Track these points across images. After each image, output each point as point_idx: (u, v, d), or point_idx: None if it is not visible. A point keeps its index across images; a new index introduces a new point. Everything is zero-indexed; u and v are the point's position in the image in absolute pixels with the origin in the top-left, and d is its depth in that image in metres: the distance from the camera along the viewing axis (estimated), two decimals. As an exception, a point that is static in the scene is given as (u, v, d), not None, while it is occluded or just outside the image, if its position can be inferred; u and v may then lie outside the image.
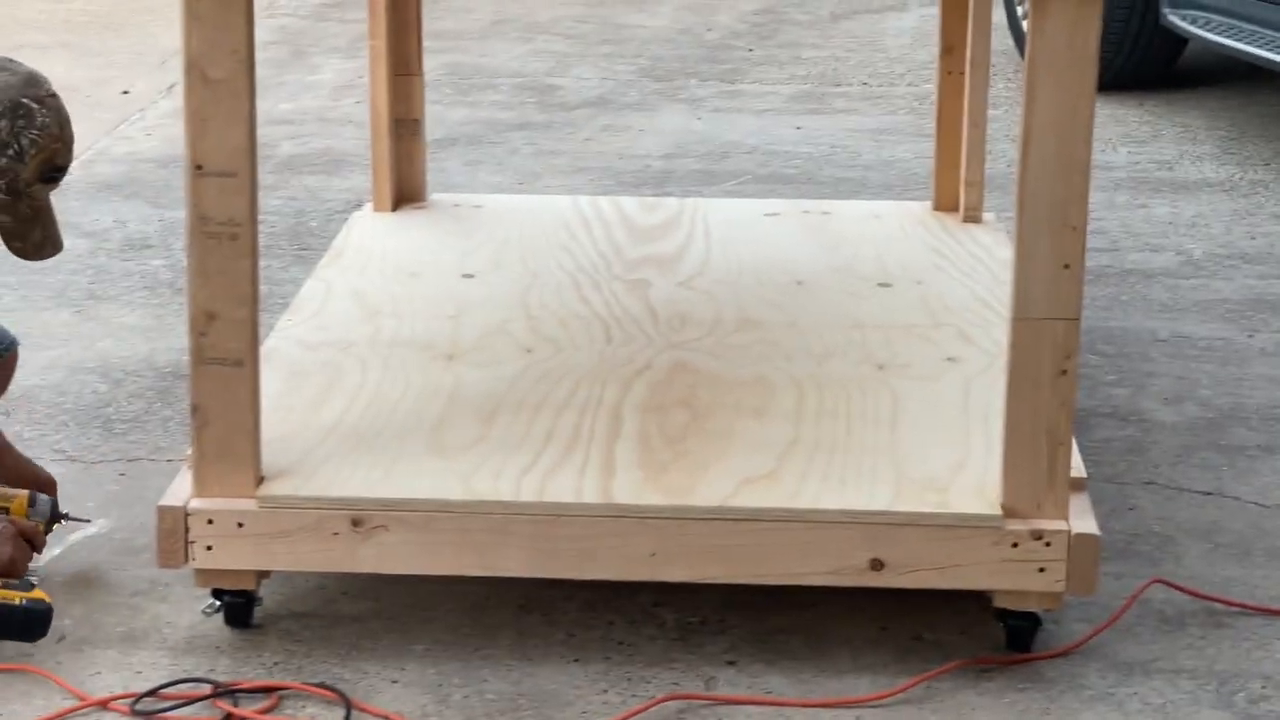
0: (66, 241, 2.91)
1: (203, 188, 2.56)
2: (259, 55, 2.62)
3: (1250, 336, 3.83)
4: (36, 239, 2.73)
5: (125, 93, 5.69)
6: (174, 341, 3.80)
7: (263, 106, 5.44)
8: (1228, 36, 4.95)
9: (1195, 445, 3.34)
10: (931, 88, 5.56)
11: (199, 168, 2.56)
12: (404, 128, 3.89)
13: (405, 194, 3.92)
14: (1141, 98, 5.52)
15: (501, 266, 3.56)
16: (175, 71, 5.91)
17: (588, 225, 3.79)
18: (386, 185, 3.86)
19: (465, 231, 3.76)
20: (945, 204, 3.87)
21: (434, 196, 3.99)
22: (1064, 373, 2.55)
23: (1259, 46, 4.82)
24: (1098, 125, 5.31)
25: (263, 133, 2.60)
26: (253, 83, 2.56)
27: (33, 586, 2.66)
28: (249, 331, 2.61)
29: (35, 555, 2.75)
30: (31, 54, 6.13)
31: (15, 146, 2.62)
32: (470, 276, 3.50)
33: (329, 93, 5.69)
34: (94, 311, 4.01)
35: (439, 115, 5.36)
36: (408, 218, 3.85)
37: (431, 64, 5.77)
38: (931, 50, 5.98)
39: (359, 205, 4.32)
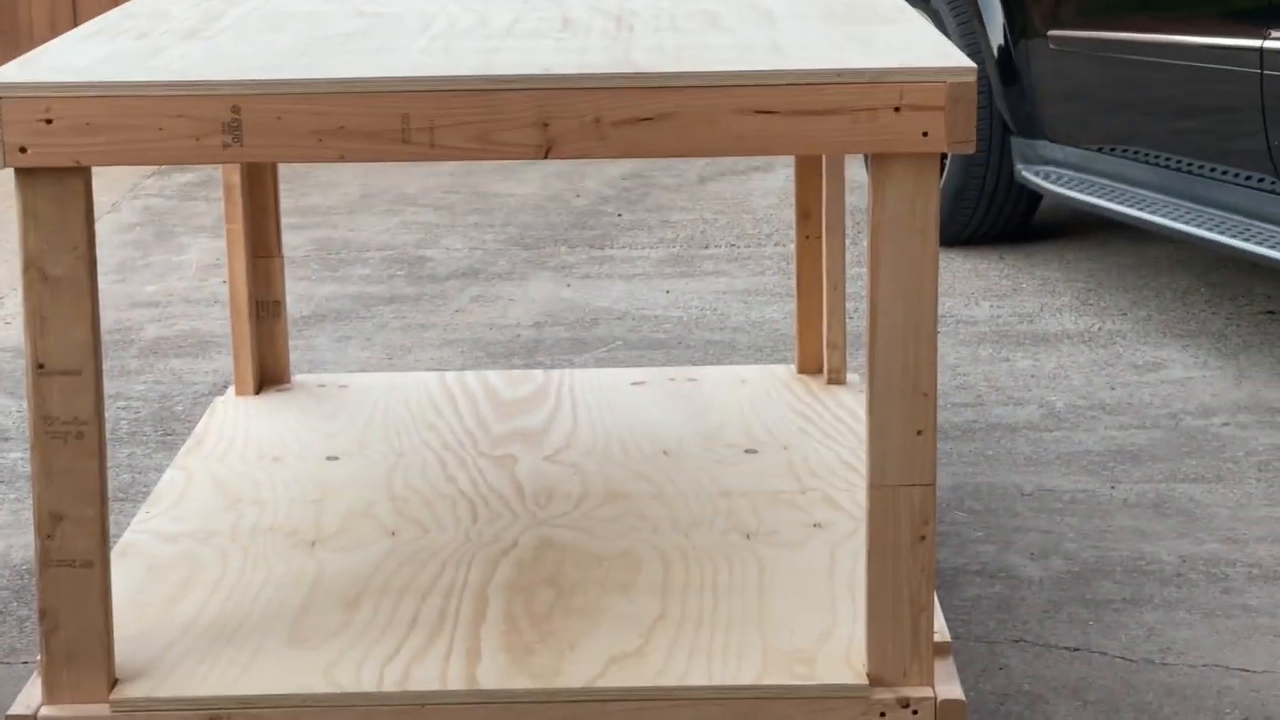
0: None
1: (46, 387, 2.52)
2: (124, 237, 2.61)
3: (1113, 488, 3.87)
4: None
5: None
6: (32, 538, 3.72)
7: (127, 290, 5.43)
8: (1079, 191, 5.05)
9: (1061, 600, 3.36)
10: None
11: (41, 367, 2.52)
12: (265, 309, 3.87)
13: (268, 376, 3.89)
14: (1002, 252, 5.62)
15: (366, 447, 3.53)
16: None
17: (454, 401, 3.77)
18: (249, 368, 3.83)
19: (329, 413, 3.73)
20: (809, 366, 3.90)
21: (298, 377, 3.96)
22: (923, 538, 2.55)
23: (1108, 200, 4.92)
24: (961, 280, 5.41)
25: (127, 316, 2.58)
26: (94, 279, 2.53)
27: None
28: (98, 531, 2.56)
29: None
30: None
31: None
32: (334, 459, 3.47)
33: (195, 272, 5.66)
34: (-48, 507, 3.93)
35: (306, 291, 5.35)
36: (271, 400, 3.82)
37: (298, 240, 5.79)
38: (796, 211, 6.09)
39: (226, 387, 4.29)
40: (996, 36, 5.35)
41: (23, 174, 2.45)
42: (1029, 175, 5.28)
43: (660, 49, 2.66)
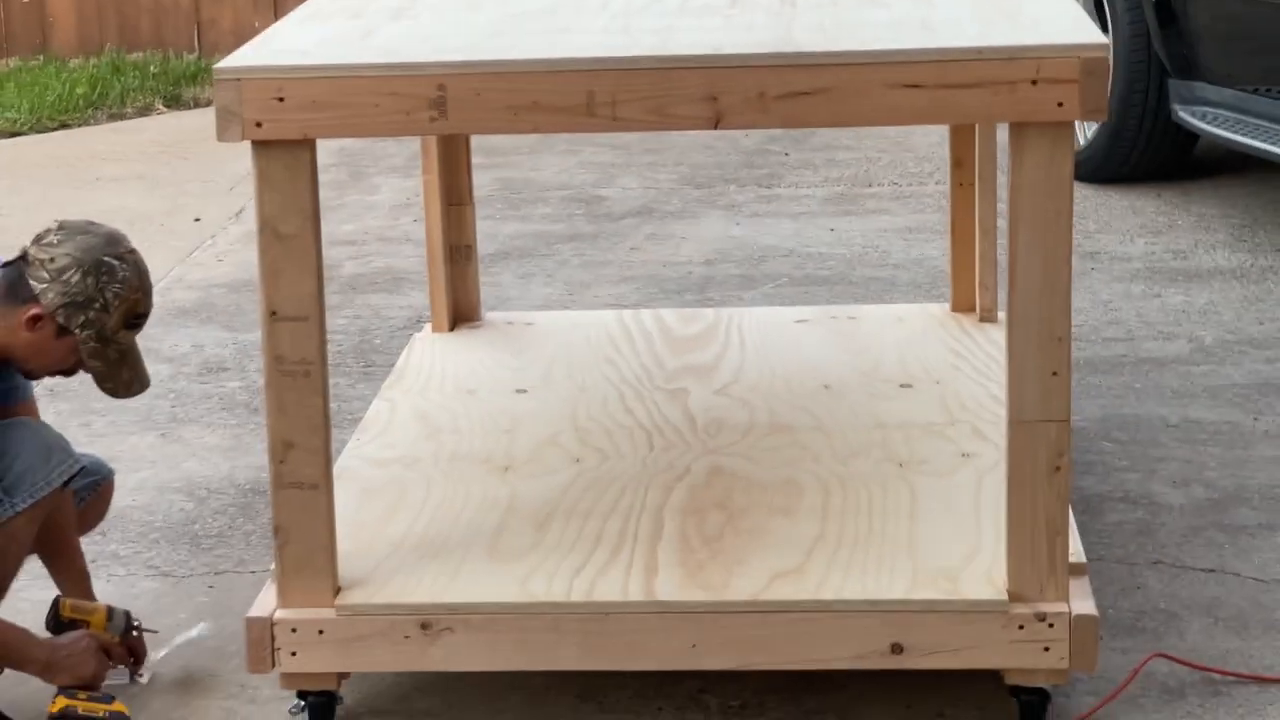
0: (149, 367, 3.22)
1: (278, 331, 2.87)
2: (322, 177, 2.92)
3: (1256, 420, 4.08)
4: (125, 379, 3.04)
5: (197, 220, 6.04)
6: (253, 459, 4.12)
7: (325, 229, 5.79)
8: (1233, 131, 5.21)
9: (1200, 525, 3.59)
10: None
11: (274, 313, 2.87)
12: (458, 253, 4.20)
13: (461, 314, 4.22)
14: (1159, 189, 5.78)
15: (551, 381, 3.85)
16: (243, 196, 6.29)
17: (631, 338, 4.08)
18: (444, 307, 4.17)
19: (517, 349, 4.06)
20: (962, 305, 4.15)
21: (488, 315, 4.30)
22: (1058, 469, 2.81)
23: (1262, 140, 5.08)
24: (1117, 217, 5.60)
25: (326, 254, 2.87)
26: (319, 237, 2.87)
27: (112, 699, 2.97)
28: (323, 458, 2.91)
29: (112, 666, 3.05)
30: (108, 185, 6.52)
31: (101, 300, 2.94)
32: (523, 392, 3.80)
33: (387, 212, 6.02)
34: (177, 434, 4.33)
35: (491, 230, 5.68)
36: (464, 337, 4.16)
37: (483, 179, 6.10)
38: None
39: (420, 321, 4.63)
40: (1154, -20, 5.52)
41: (259, 145, 2.79)
42: (1185, 115, 5.44)
43: (820, 26, 2.93)
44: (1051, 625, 2.84)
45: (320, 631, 2.92)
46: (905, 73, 2.68)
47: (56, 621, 3.10)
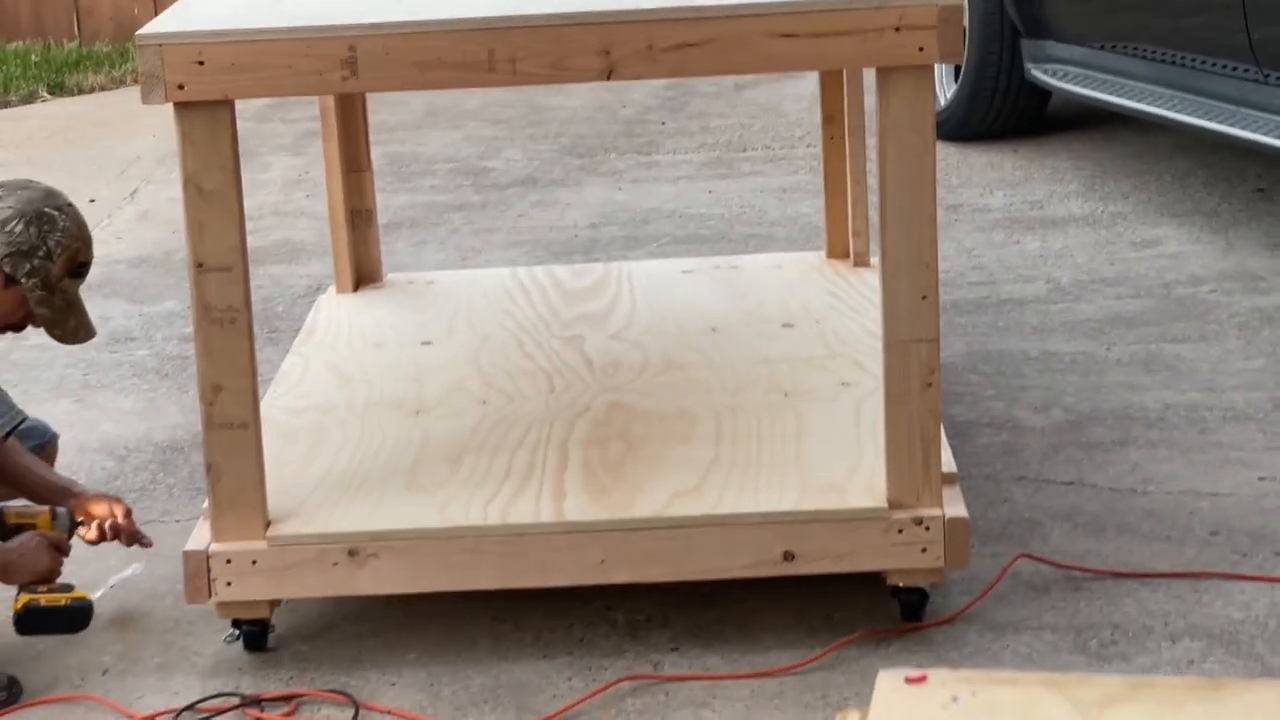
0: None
1: (204, 281, 3.07)
2: None
3: (1108, 349, 4.39)
4: (72, 326, 3.22)
5: (91, 201, 6.17)
6: (168, 420, 4.30)
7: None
8: (1083, 86, 5.53)
9: (1059, 444, 3.88)
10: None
11: (200, 265, 3.07)
12: (358, 217, 4.41)
13: (363, 276, 4.43)
14: (1016, 145, 6.10)
15: (454, 333, 4.08)
16: (135, 179, 6.44)
17: (526, 292, 4.31)
18: (347, 269, 4.38)
19: (420, 305, 4.28)
20: (837, 252, 4.42)
21: (389, 276, 4.51)
22: (929, 385, 3.08)
23: (1110, 94, 5.40)
24: (977, 173, 5.90)
25: None
26: (239, 191, 3.07)
27: (71, 588, 3.16)
28: (250, 399, 3.11)
29: (63, 559, 3.23)
30: (1, 176, 6.62)
31: (44, 248, 3.12)
32: (428, 343, 4.02)
33: (280, 188, 6.20)
34: (91, 399, 4.50)
35: (384, 202, 5.86)
36: (368, 296, 4.37)
37: (373, 154, 6.30)
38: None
39: (319, 289, 4.83)
40: (1005, -55, 5.82)
41: (181, 107, 2.99)
42: (1038, 73, 5.75)
43: (699, -16, 3.17)
44: (927, 528, 3.11)
45: (254, 562, 3.13)
46: (782, 23, 2.93)
47: (3, 529, 3.28)
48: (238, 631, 3.23)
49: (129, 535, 3.32)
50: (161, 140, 6.77)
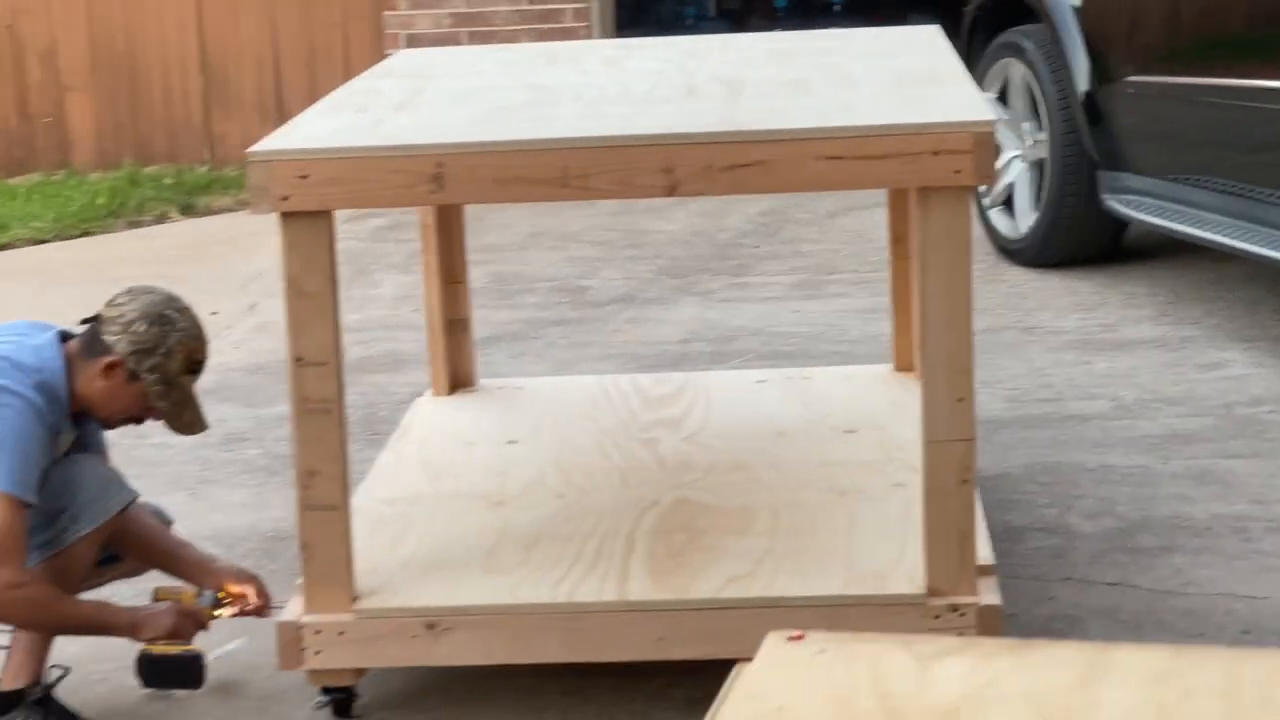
0: (175, 438, 3.71)
1: (302, 374, 3.38)
2: None
3: (1164, 463, 4.59)
4: (187, 419, 3.53)
5: (214, 313, 6.53)
6: (273, 513, 4.61)
7: (333, 318, 6.30)
8: (1157, 216, 5.76)
9: (1108, 549, 4.09)
10: (909, 271, 6.41)
11: (299, 360, 3.38)
12: (455, 326, 4.72)
13: (459, 381, 4.74)
14: (1092, 272, 6.32)
15: (539, 433, 4.36)
16: (254, 294, 6.82)
17: (609, 398, 4.59)
18: (443, 373, 4.69)
19: (509, 408, 4.57)
20: (903, 365, 4.66)
21: (482, 382, 4.81)
22: (965, 481, 3.31)
23: (1183, 224, 5.62)
24: (1053, 297, 6.14)
25: None
26: (336, 294, 3.39)
27: (187, 644, 3.45)
28: (341, 484, 3.41)
29: (199, 630, 3.52)
30: (129, 283, 7.03)
31: (164, 347, 3.44)
32: (514, 442, 4.31)
33: (389, 303, 6.55)
34: (204, 493, 4.82)
35: (485, 317, 6.19)
36: (462, 400, 4.67)
37: (477, 273, 6.62)
38: (913, 239, 6.84)
39: (421, 395, 5.14)
40: (1082, 83, 6.07)
41: (285, 216, 3.32)
42: (1114, 203, 5.99)
43: (757, 111, 3.47)
44: (962, 614, 3.33)
45: (341, 633, 3.41)
46: (829, 146, 3.21)
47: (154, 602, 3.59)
48: (326, 699, 3.50)
49: (260, 611, 3.60)
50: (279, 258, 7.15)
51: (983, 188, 6.30)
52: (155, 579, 3.72)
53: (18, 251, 7.62)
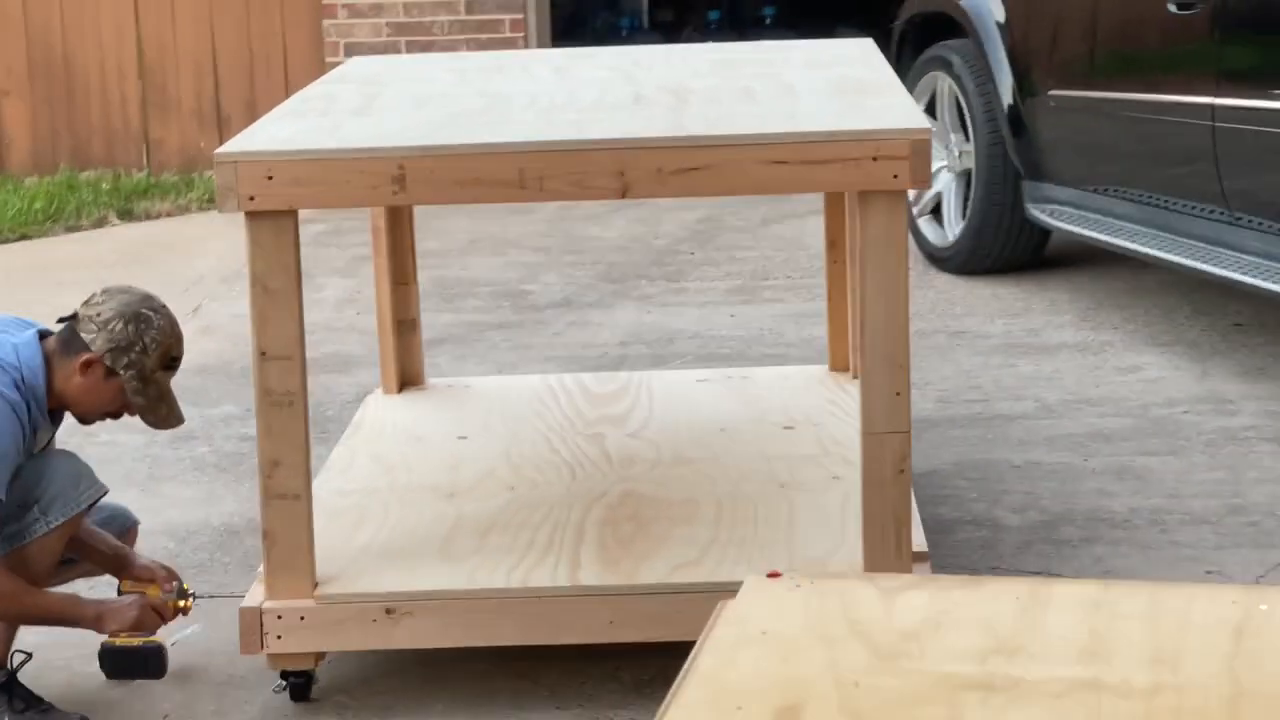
0: (123, 437, 3.81)
1: (267, 368, 3.51)
2: None
3: (1086, 460, 4.78)
4: (163, 413, 3.64)
5: (158, 315, 6.64)
6: (226, 508, 4.73)
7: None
8: (1077, 225, 5.97)
9: (1032, 540, 4.27)
10: (843, 278, 6.59)
11: (263, 354, 3.50)
12: (404, 326, 4.85)
13: (408, 379, 4.87)
14: (1018, 278, 6.52)
15: (488, 429, 4.50)
16: (197, 296, 6.92)
17: (555, 396, 4.74)
18: (393, 372, 4.82)
19: (458, 406, 4.71)
20: (838, 365, 4.84)
21: (431, 381, 4.95)
22: (901, 472, 3.48)
23: (1104, 233, 5.83)
24: (980, 303, 6.33)
25: None
26: (300, 291, 3.51)
27: (150, 636, 3.55)
28: (304, 473, 3.54)
29: (163, 623, 3.62)
30: (71, 288, 7.12)
31: (141, 344, 3.56)
32: (464, 438, 4.44)
33: (333, 305, 6.67)
34: (155, 490, 4.92)
35: (429, 320, 6.29)
36: (411, 398, 4.80)
37: (419, 278, 6.76)
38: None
39: (366, 396, 5.26)
40: (1007, 96, 6.28)
41: (251, 215, 3.44)
42: (1037, 213, 6.19)
43: (705, 117, 3.63)
44: (900, 599, 3.50)
45: (302, 618, 3.53)
46: (774, 152, 3.37)
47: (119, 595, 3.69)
48: (285, 683, 3.63)
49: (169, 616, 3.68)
50: (224, 261, 7.26)
51: (911, 197, 6.49)
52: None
53: (-43, 254, 7.69)
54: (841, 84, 4.00)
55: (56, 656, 3.79)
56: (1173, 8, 5.41)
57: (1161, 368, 5.50)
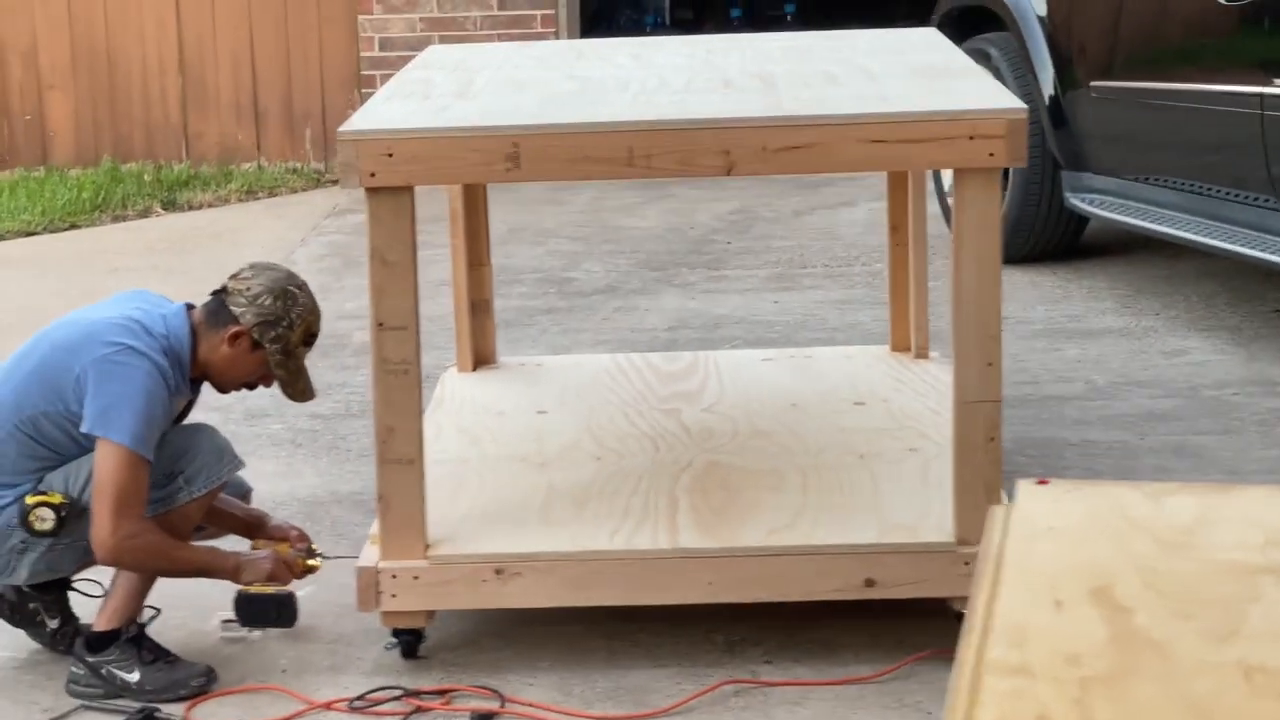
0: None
1: (383, 338, 3.65)
2: (318, 265, 3.71)
3: (1142, 439, 4.94)
4: (301, 386, 3.77)
5: (212, 301, 6.78)
6: (307, 481, 4.87)
7: (330, 306, 6.57)
8: (1118, 213, 6.13)
9: (1099, 510, 4.43)
10: (881, 267, 6.76)
11: (380, 324, 3.64)
12: (478, 307, 5.00)
13: (481, 358, 5.02)
14: (1055, 267, 6.69)
15: (565, 405, 4.65)
16: (248, 282, 7.05)
17: (625, 374, 4.89)
18: (468, 351, 4.96)
19: (532, 382, 4.86)
20: (899, 346, 4.99)
21: (503, 359, 5.09)
22: (991, 439, 3.64)
23: (1142, 220, 6.00)
24: (1020, 290, 6.51)
25: (334, 326, 3.57)
26: (415, 264, 3.66)
27: (284, 587, 3.70)
28: (417, 439, 3.68)
29: (294, 577, 3.77)
30: (125, 274, 7.28)
31: (288, 319, 3.69)
32: (543, 412, 4.59)
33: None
34: (233, 465, 5.06)
35: (479, 306, 6.46)
36: (485, 375, 4.95)
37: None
38: (880, 237, 7.18)
39: (429, 378, 5.39)
40: (1048, 87, 6.45)
41: (371, 191, 3.58)
42: (1076, 202, 6.36)
43: (800, 99, 3.78)
44: (989, 561, 3.65)
45: (416, 577, 3.68)
46: (873, 130, 3.52)
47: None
48: (396, 640, 3.77)
49: (298, 573, 3.84)
50: (269, 249, 7.39)
51: (947, 188, 6.65)
52: (235, 543, 3.98)
53: (11, 242, 7.82)
54: (920, 69, 4.16)
55: (173, 615, 3.92)
56: None
57: (1206, 351, 5.67)
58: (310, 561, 3.82)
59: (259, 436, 5.28)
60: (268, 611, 3.72)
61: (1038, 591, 1.39)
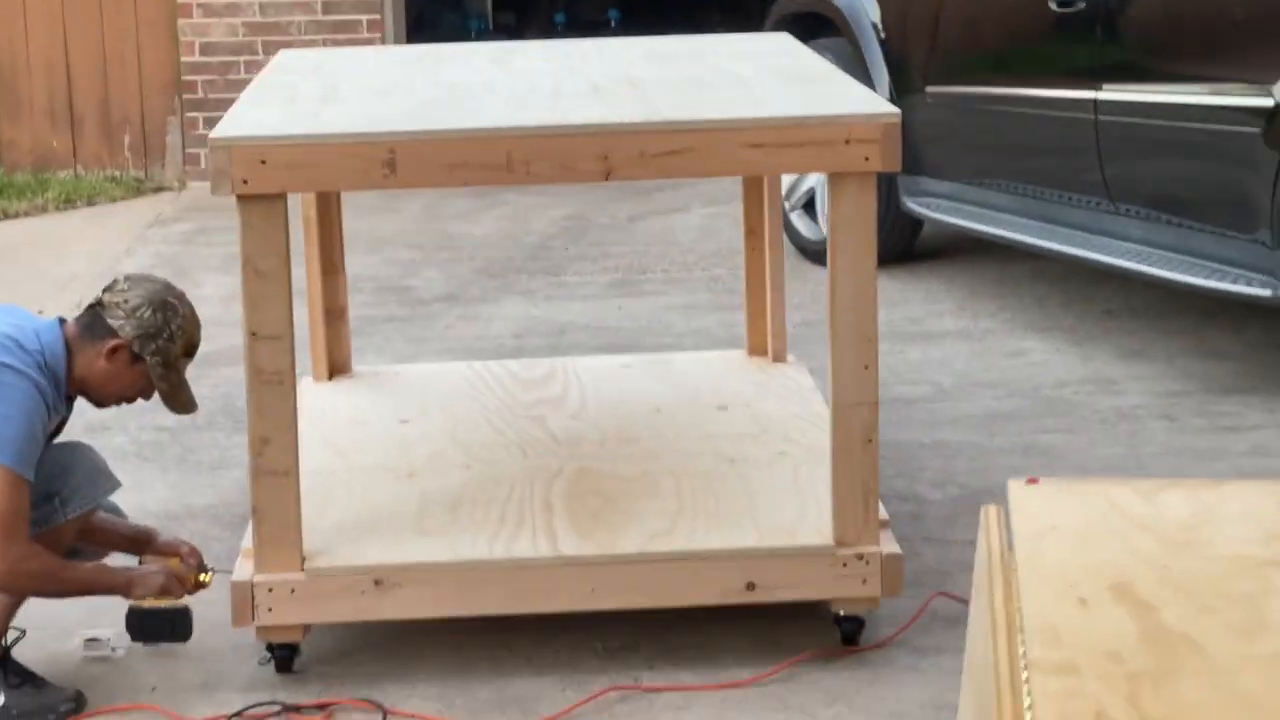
0: None
1: (257, 348, 3.58)
2: None
3: (992, 438, 5.03)
4: (183, 399, 3.68)
5: (40, 311, 6.58)
6: (156, 494, 4.75)
7: (165, 316, 6.40)
8: (953, 216, 6.24)
9: (958, 513, 4.50)
10: (722, 272, 6.80)
11: (254, 334, 3.58)
12: (333, 315, 4.93)
13: (336, 367, 4.94)
14: (893, 270, 6.77)
15: (427, 414, 4.60)
16: (76, 292, 6.87)
17: (484, 381, 4.85)
18: (323, 360, 4.89)
19: (390, 391, 4.80)
20: (756, 350, 5.02)
21: (357, 368, 5.03)
22: (869, 441, 3.67)
23: (977, 222, 6.11)
24: (859, 292, 6.46)
25: None
26: (289, 272, 3.59)
27: (175, 601, 3.60)
28: (293, 451, 3.61)
29: (186, 591, 3.67)
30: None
31: (168, 331, 3.60)
32: (406, 421, 4.54)
33: (218, 302, 6.66)
34: (77, 479, 4.92)
35: (319, 314, 6.37)
36: (342, 385, 4.88)
37: (300, 274, 6.79)
38: (717, 243, 7.24)
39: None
40: (884, 92, 6.53)
41: (244, 199, 3.51)
42: (913, 205, 6.45)
43: (676, 104, 3.79)
44: (867, 562, 3.69)
45: (292, 590, 3.61)
46: (752, 135, 3.54)
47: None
48: (270, 655, 3.70)
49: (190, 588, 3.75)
50: (95, 260, 7.22)
51: (784, 191, 6.71)
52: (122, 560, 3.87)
53: None
54: (786, 73, 4.18)
55: (33, 635, 3.80)
56: (1054, 6, 5.70)
57: (1044, 352, 5.79)
58: (203, 576, 3.73)
59: (102, 450, 5.11)
60: (162, 626, 3.63)
61: (1059, 590, 1.40)
